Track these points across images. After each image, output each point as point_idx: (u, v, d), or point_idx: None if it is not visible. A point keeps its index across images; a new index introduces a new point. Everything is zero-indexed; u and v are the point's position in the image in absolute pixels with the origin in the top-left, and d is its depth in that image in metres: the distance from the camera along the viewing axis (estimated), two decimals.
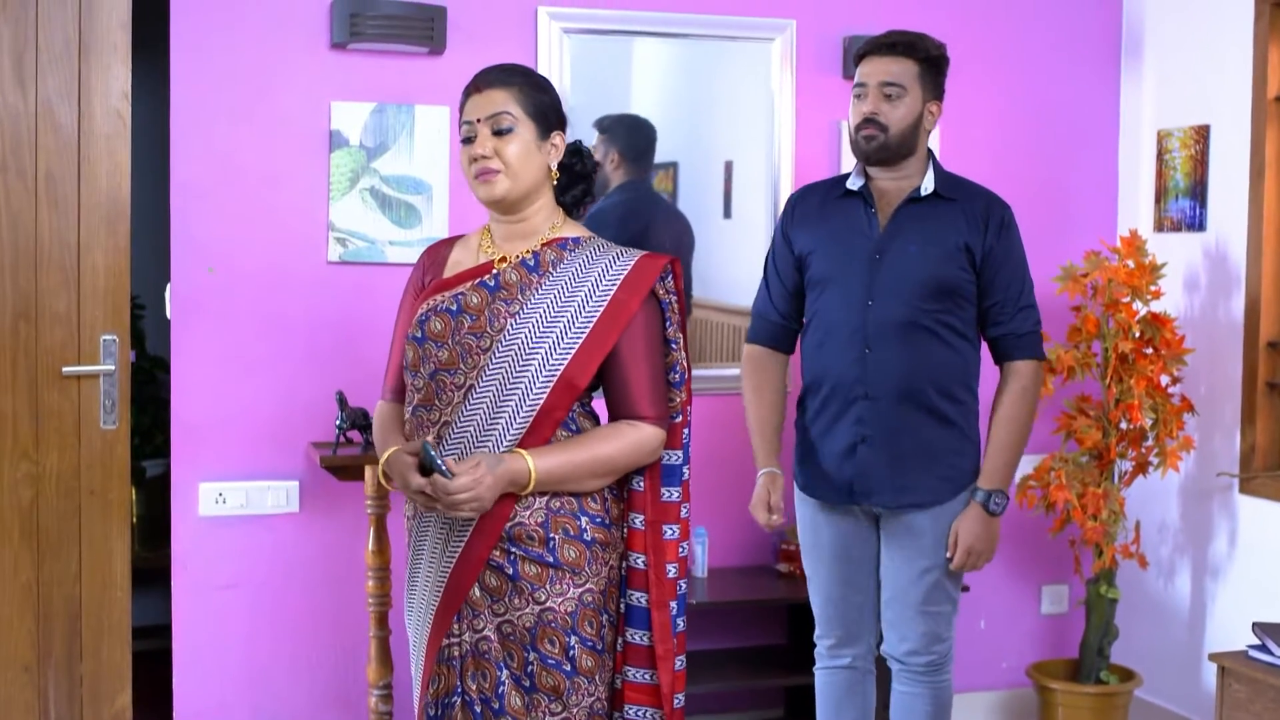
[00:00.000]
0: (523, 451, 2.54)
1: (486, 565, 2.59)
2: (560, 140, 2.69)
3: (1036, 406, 3.38)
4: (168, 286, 3.89)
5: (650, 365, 2.65)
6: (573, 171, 2.75)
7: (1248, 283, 4.15)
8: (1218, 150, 4.26)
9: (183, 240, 3.86)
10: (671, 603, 2.69)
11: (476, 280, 2.66)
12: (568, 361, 2.58)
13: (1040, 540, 4.52)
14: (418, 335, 2.65)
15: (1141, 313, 4.15)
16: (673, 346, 2.70)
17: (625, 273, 2.64)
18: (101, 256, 3.73)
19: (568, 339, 2.59)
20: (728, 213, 4.35)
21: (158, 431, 5.40)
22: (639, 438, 2.63)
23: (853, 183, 3.39)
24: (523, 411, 2.57)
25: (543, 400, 2.57)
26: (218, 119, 3.87)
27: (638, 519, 2.69)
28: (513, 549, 2.58)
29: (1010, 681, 4.62)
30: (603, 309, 2.60)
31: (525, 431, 2.57)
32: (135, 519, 5.14)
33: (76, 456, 3.74)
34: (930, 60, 3.32)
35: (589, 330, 2.59)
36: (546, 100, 2.66)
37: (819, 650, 3.54)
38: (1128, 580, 4.44)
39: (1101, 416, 4.17)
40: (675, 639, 2.70)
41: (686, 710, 2.78)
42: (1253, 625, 3.70)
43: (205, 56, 3.84)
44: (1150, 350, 4.13)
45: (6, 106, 3.64)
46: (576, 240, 2.70)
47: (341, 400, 3.70)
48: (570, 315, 2.60)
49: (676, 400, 2.70)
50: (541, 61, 4.04)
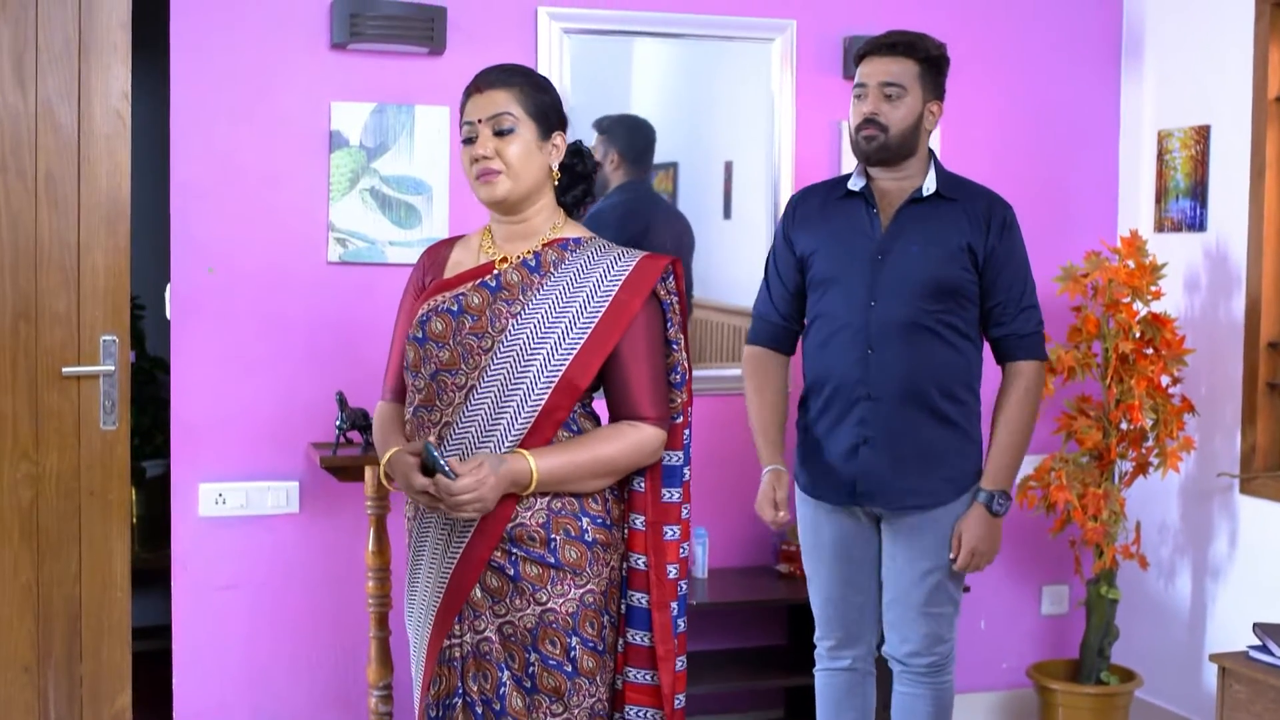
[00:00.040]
0: (524, 452, 2.54)
1: (487, 566, 2.58)
2: (561, 140, 2.69)
3: (1039, 407, 3.38)
4: (168, 287, 3.89)
5: (651, 366, 2.64)
6: (573, 172, 2.75)
7: (1248, 283, 4.15)
8: (1218, 150, 4.26)
9: (183, 240, 3.86)
10: (672, 603, 2.69)
11: (478, 281, 2.65)
12: (569, 362, 2.57)
13: (1040, 541, 4.52)
14: (419, 336, 2.64)
15: (1142, 313, 4.15)
16: (674, 347, 2.69)
17: (627, 273, 2.64)
18: (101, 257, 3.73)
19: (569, 339, 2.58)
20: (728, 213, 4.34)
21: (158, 432, 5.40)
22: (640, 438, 2.62)
23: (854, 183, 3.39)
24: (524, 412, 2.57)
25: (544, 401, 2.57)
26: (218, 119, 3.86)
27: (638, 520, 2.69)
28: (514, 550, 2.58)
29: (1010, 682, 4.62)
30: (604, 310, 2.60)
31: (527, 432, 2.57)
32: (135, 519, 5.13)
33: (76, 457, 3.73)
34: (930, 60, 3.31)
35: (590, 331, 2.59)
36: (547, 100, 2.66)
37: (819, 652, 3.53)
38: (1128, 581, 4.44)
39: (1102, 417, 4.16)
40: (676, 640, 2.70)
41: (687, 711, 2.78)
42: (1253, 626, 3.70)
43: (205, 56, 3.84)
44: (1151, 350, 4.13)
45: (6, 107, 3.64)
46: (578, 241, 2.69)
47: (341, 401, 3.70)
48: (572, 316, 2.60)
49: (677, 401, 2.70)
50: (541, 62, 4.04)
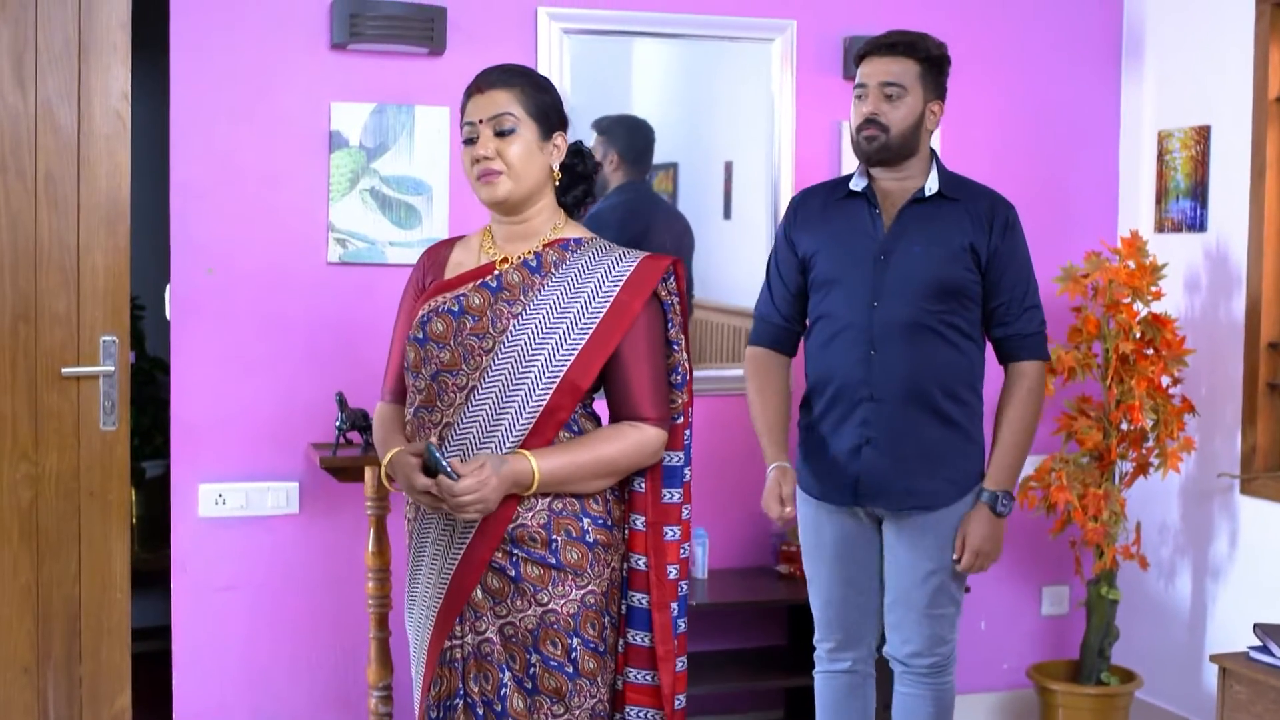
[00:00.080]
0: (526, 452, 2.53)
1: (489, 567, 2.58)
2: (562, 141, 2.69)
3: (1042, 407, 3.37)
4: (167, 287, 3.89)
5: (652, 366, 2.64)
6: (574, 172, 2.75)
7: (1248, 283, 4.15)
8: (1218, 151, 4.26)
9: (182, 241, 3.86)
10: (672, 604, 2.68)
11: (479, 281, 2.65)
12: (571, 362, 2.57)
13: (1041, 541, 4.52)
14: (419, 336, 2.64)
15: (1142, 313, 4.15)
16: (674, 348, 2.69)
17: (628, 274, 2.63)
18: (101, 257, 3.73)
19: (571, 340, 2.58)
20: (728, 213, 4.34)
21: (157, 432, 5.40)
22: (641, 439, 2.62)
23: (856, 184, 3.38)
24: (526, 413, 2.56)
25: (546, 401, 2.56)
26: (217, 119, 3.86)
27: (639, 520, 2.68)
28: (515, 551, 2.58)
29: (1011, 683, 4.62)
30: (605, 310, 2.60)
31: (528, 433, 2.56)
32: (135, 520, 5.13)
33: (76, 457, 3.73)
34: (931, 60, 3.30)
35: (592, 331, 2.59)
36: (548, 101, 2.66)
37: (819, 654, 3.52)
38: (1128, 581, 4.44)
39: (1102, 417, 4.16)
40: (676, 640, 2.69)
41: (687, 711, 2.78)
42: (1254, 626, 3.70)
43: (205, 57, 3.84)
44: (1151, 351, 4.13)
45: (6, 107, 3.64)
46: (579, 241, 2.69)
47: (341, 401, 3.70)
48: (573, 316, 2.60)
49: (678, 401, 2.70)
50: (541, 62, 4.03)
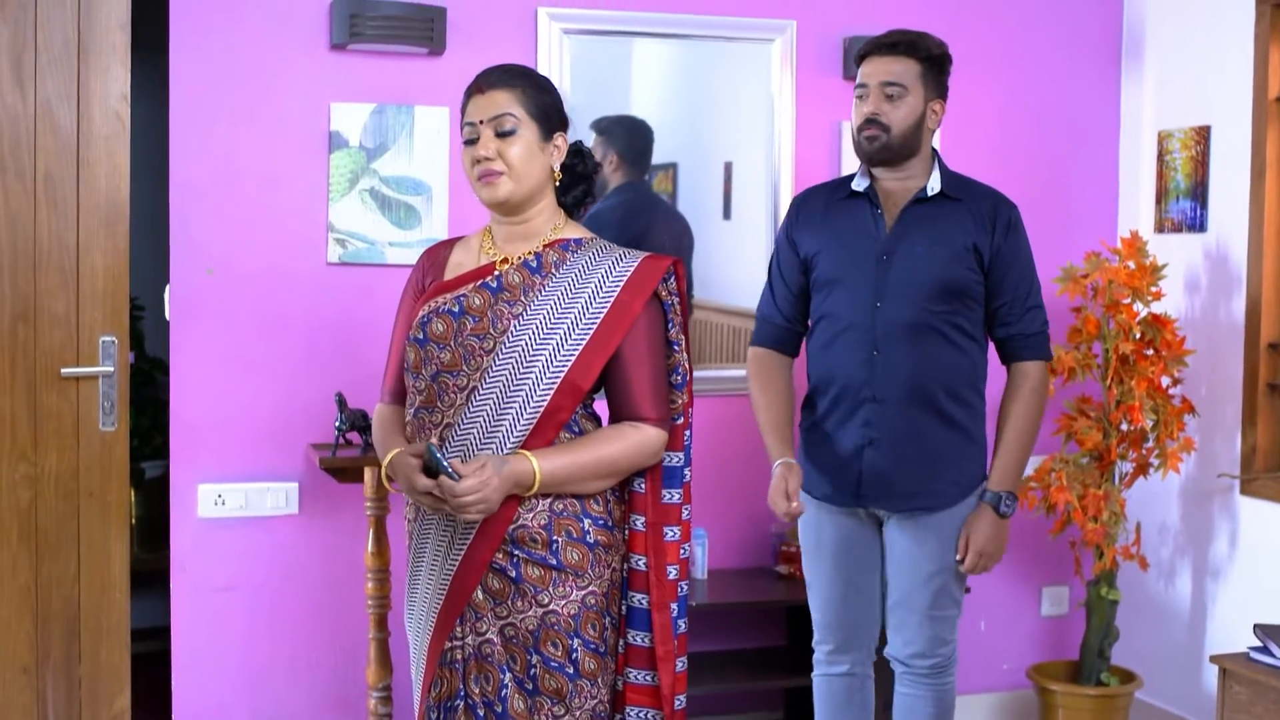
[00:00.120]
0: (527, 453, 2.53)
1: (489, 568, 2.58)
2: (563, 141, 2.68)
3: (1045, 407, 3.37)
4: (167, 288, 3.88)
5: (653, 367, 2.64)
6: (574, 172, 2.74)
7: (1249, 284, 4.15)
8: (1218, 151, 4.26)
9: (182, 241, 3.85)
10: (672, 604, 2.68)
11: (479, 282, 2.65)
12: (572, 363, 2.57)
13: (1041, 542, 4.52)
14: (419, 337, 2.64)
15: (1142, 314, 4.15)
16: (675, 348, 2.69)
17: (628, 274, 2.63)
18: (100, 258, 3.72)
19: (571, 341, 2.58)
20: (727, 214, 4.34)
21: (157, 433, 5.39)
22: (641, 439, 2.62)
23: (858, 184, 3.38)
24: (526, 413, 2.56)
25: (547, 402, 2.56)
26: (217, 120, 3.86)
27: (639, 521, 2.68)
28: (515, 551, 2.57)
29: (1011, 683, 4.61)
30: (606, 310, 2.60)
31: (529, 433, 2.56)
32: (134, 521, 5.13)
33: (75, 458, 3.73)
34: (932, 59, 3.30)
35: (593, 332, 2.59)
36: (549, 101, 2.66)
37: (817, 656, 3.51)
38: (1128, 582, 4.44)
39: (1102, 418, 4.16)
40: (676, 640, 2.69)
41: (687, 712, 2.77)
42: (1254, 627, 3.70)
43: (204, 57, 3.83)
44: (1151, 351, 4.12)
45: (5, 108, 3.63)
46: (579, 241, 2.69)
47: (341, 402, 3.69)
48: (574, 317, 2.59)
49: (678, 402, 2.70)
50: (541, 62, 4.03)
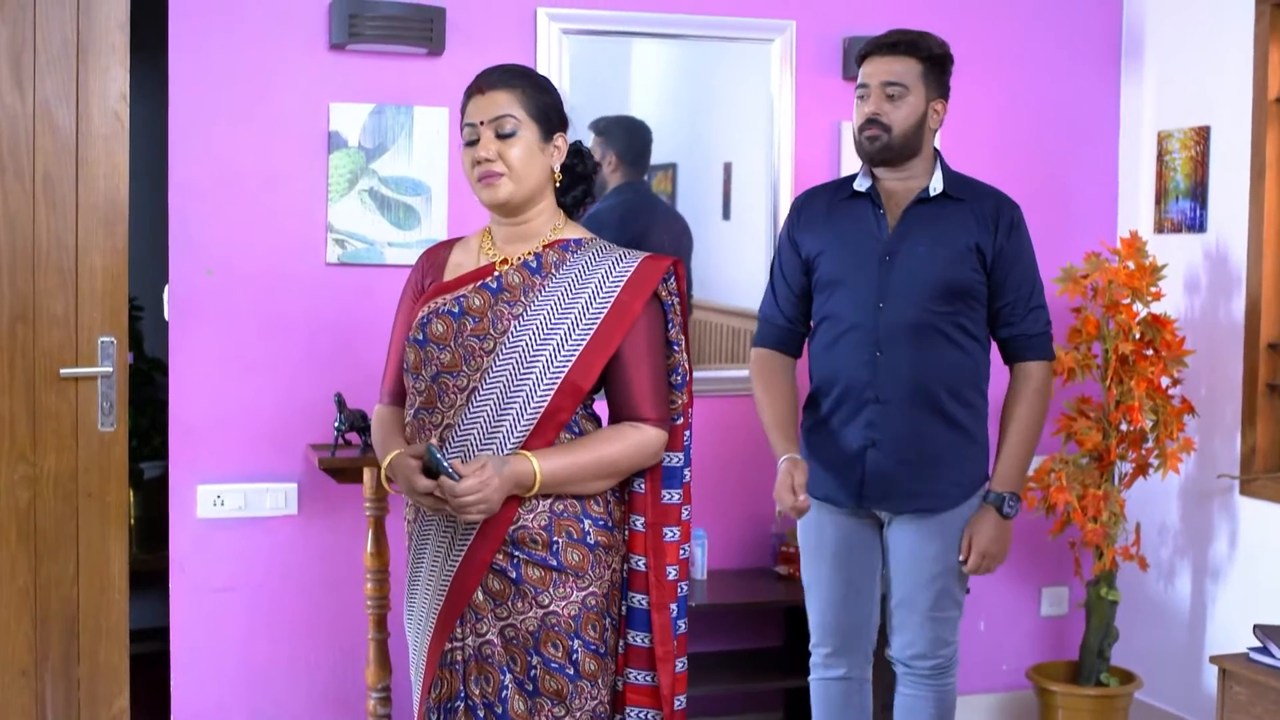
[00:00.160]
0: (527, 453, 2.53)
1: (489, 569, 2.57)
2: (563, 142, 2.68)
3: (1048, 408, 3.36)
4: (166, 288, 3.88)
5: (652, 367, 2.64)
6: (573, 172, 2.74)
7: (1248, 284, 4.15)
8: (1218, 151, 4.26)
9: (181, 242, 3.85)
10: (672, 605, 2.68)
11: (479, 283, 2.65)
12: (572, 363, 2.57)
13: (1040, 542, 4.51)
14: (419, 338, 2.63)
15: (1142, 314, 4.15)
16: (675, 348, 2.69)
17: (629, 275, 2.63)
18: (99, 258, 3.72)
19: (572, 341, 2.58)
20: (727, 214, 4.33)
21: (156, 433, 5.38)
22: (641, 439, 2.62)
23: (860, 184, 3.37)
24: (527, 414, 2.56)
25: (547, 403, 2.56)
26: (216, 120, 3.85)
27: (638, 521, 2.68)
28: (516, 552, 2.57)
29: (1010, 684, 4.61)
30: (606, 311, 2.59)
31: (529, 434, 2.56)
32: (133, 521, 5.11)
33: (74, 458, 3.72)
34: (933, 59, 3.29)
35: (593, 332, 2.58)
36: (549, 101, 2.65)
37: (814, 660, 3.49)
38: (1128, 582, 4.44)
39: (1102, 418, 4.16)
40: (676, 641, 2.69)
41: (686, 712, 2.77)
42: (1254, 627, 3.70)
43: (204, 57, 3.83)
44: (1150, 352, 4.12)
45: (4, 108, 3.63)
46: (579, 242, 2.69)
47: (340, 402, 3.69)
48: (574, 317, 2.59)
49: (678, 402, 2.69)
50: (540, 62, 4.03)
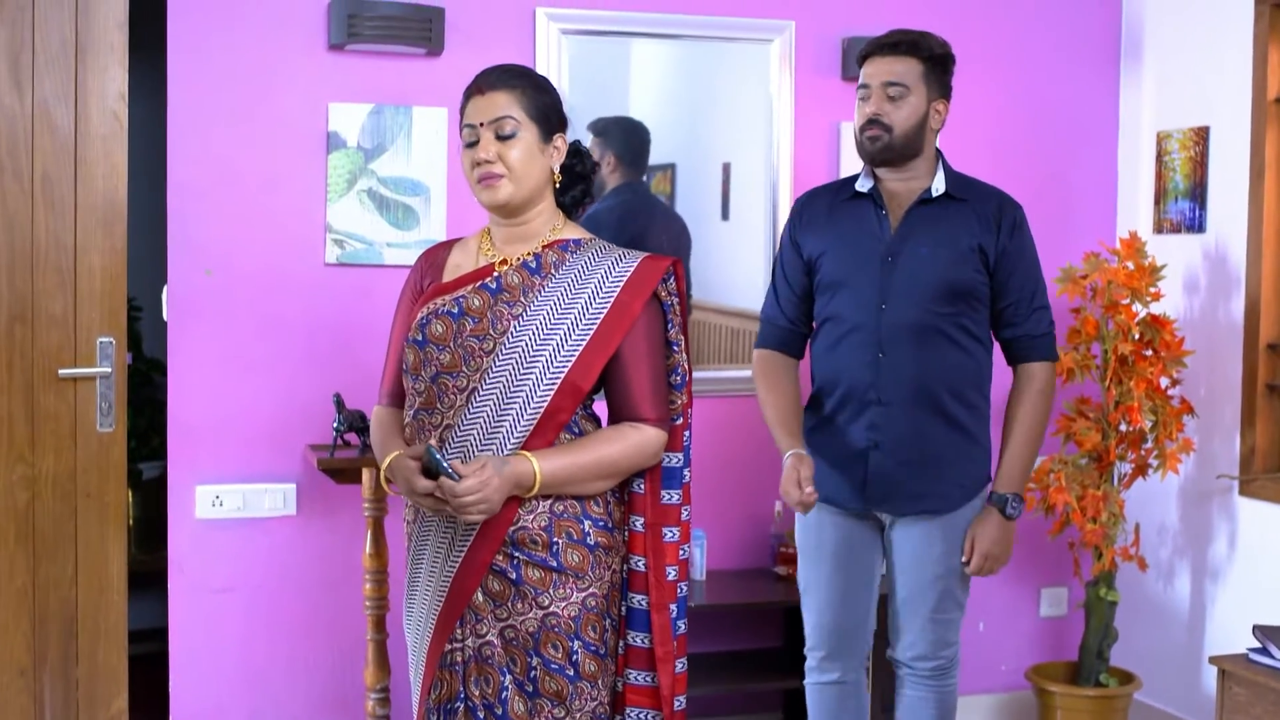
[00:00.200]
0: (527, 454, 2.53)
1: (489, 570, 2.57)
2: (562, 142, 2.68)
3: (1051, 408, 3.36)
4: (164, 288, 3.88)
5: (652, 367, 2.64)
6: (572, 172, 2.74)
7: (1247, 284, 4.15)
8: (1217, 152, 4.26)
9: (180, 242, 3.85)
10: (671, 605, 2.68)
11: (478, 283, 2.64)
12: (572, 364, 2.56)
13: (1039, 543, 4.51)
14: (419, 339, 2.63)
15: (1141, 314, 4.15)
16: (674, 348, 2.68)
17: (628, 275, 2.63)
18: (98, 258, 3.72)
19: (571, 342, 2.57)
20: (726, 215, 4.33)
21: (154, 434, 5.38)
22: (641, 440, 2.61)
23: (862, 184, 3.36)
24: (526, 414, 2.55)
25: (547, 403, 2.56)
26: (215, 120, 3.85)
27: (638, 521, 2.68)
28: (516, 553, 2.57)
29: (1009, 684, 4.61)
30: (606, 311, 2.59)
31: (529, 434, 2.55)
32: (132, 522, 5.12)
33: (73, 459, 3.72)
34: (934, 59, 3.28)
35: (593, 332, 2.58)
36: (549, 102, 2.65)
37: (809, 663, 3.48)
38: (1127, 583, 4.44)
39: (1101, 418, 4.16)
40: (675, 641, 2.69)
41: (686, 712, 2.76)
42: (1253, 628, 3.70)
43: (203, 58, 3.83)
44: (1150, 352, 4.12)
45: (3, 108, 3.62)
46: (578, 242, 2.68)
47: (339, 402, 3.69)
48: (574, 318, 2.59)
49: (678, 402, 2.69)
50: (539, 62, 4.03)
